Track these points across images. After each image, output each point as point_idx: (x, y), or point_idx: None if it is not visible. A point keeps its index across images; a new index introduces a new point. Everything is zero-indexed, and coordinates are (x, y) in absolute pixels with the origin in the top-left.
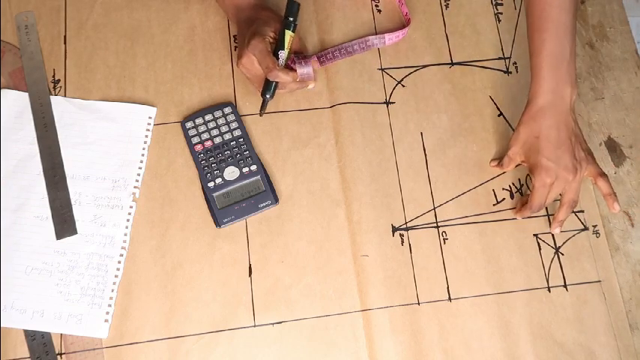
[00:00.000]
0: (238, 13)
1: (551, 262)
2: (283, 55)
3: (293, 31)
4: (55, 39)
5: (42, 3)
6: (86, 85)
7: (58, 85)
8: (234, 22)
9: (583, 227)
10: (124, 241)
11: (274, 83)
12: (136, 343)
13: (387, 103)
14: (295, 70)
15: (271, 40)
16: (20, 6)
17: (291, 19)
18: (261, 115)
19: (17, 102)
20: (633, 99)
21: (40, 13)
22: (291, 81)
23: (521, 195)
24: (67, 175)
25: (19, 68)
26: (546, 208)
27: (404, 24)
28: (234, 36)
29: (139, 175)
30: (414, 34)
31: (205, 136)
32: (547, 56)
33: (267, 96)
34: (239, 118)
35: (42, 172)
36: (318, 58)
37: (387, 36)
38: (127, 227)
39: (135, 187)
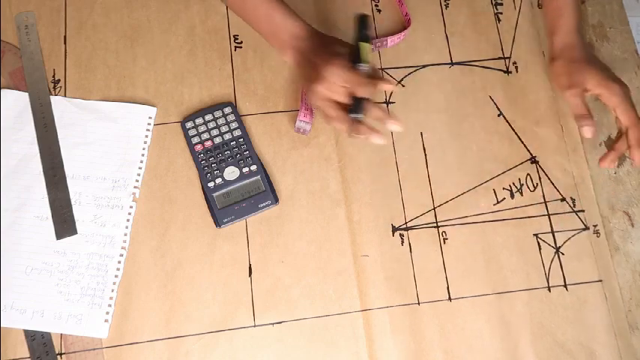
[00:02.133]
0: (299, 42)
1: (552, 261)
2: (364, 67)
3: (368, 42)
4: (55, 39)
5: (42, 3)
6: (86, 85)
7: (58, 85)
8: (292, 53)
9: (584, 227)
10: (124, 241)
11: (363, 100)
12: (136, 343)
13: (387, 102)
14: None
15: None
16: (20, 6)
17: (367, 31)
18: (350, 136)
19: (17, 102)
20: (633, 99)
21: (40, 13)
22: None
23: (521, 195)
24: (67, 175)
25: (19, 68)
26: (546, 206)
27: (404, 24)
28: (234, 36)
29: (139, 175)
30: (413, 34)
31: (205, 136)
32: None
33: (361, 115)
34: (239, 118)
35: (42, 172)
36: None
37: (389, 39)
38: (127, 227)
39: (135, 187)
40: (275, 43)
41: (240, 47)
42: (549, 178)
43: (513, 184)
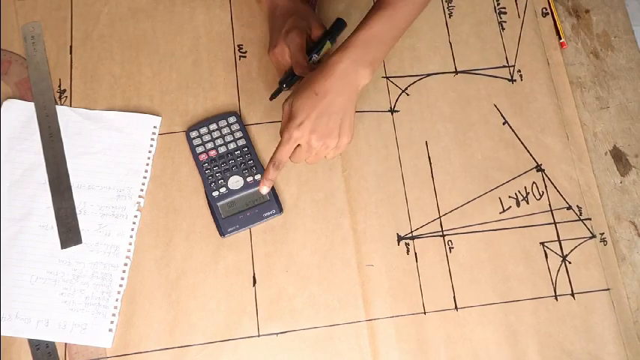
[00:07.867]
0: (274, 2)
1: (559, 270)
2: (316, 58)
3: (332, 44)
4: (61, 49)
5: (48, 14)
6: (92, 95)
7: (64, 95)
8: (267, 10)
9: (591, 235)
10: (129, 251)
11: (296, 77)
12: (140, 352)
13: (392, 111)
14: None
15: (306, 36)
16: (27, 17)
17: (336, 34)
18: (270, 100)
19: (23, 112)
20: (639, 108)
21: (47, 23)
22: None
23: (527, 203)
24: (72, 185)
25: (26, 78)
26: (552, 215)
27: None
28: (238, 45)
29: (143, 184)
30: (418, 43)
31: (210, 145)
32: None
33: (284, 85)
34: (243, 127)
35: (47, 182)
36: None
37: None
38: (131, 236)
39: (140, 196)
40: None
41: (245, 57)
42: (555, 186)
43: (519, 192)
